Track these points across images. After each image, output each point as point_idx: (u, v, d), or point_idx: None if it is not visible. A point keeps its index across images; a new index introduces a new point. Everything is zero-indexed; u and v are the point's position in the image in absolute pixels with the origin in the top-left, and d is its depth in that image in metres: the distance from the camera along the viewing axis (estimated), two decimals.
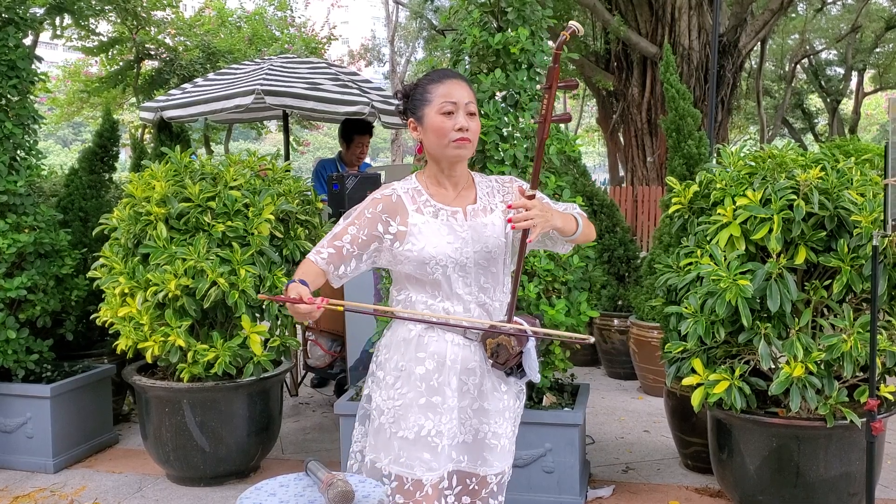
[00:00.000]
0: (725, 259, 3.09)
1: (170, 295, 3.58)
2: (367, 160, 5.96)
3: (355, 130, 5.64)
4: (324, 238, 2.13)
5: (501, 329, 2.08)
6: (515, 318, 2.11)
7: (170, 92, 6.30)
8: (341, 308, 2.00)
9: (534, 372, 2.15)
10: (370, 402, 2.20)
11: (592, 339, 2.17)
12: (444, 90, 2.06)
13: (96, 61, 13.67)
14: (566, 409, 3.48)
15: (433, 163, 2.14)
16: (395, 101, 2.20)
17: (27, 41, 4.72)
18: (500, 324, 2.09)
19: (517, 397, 2.24)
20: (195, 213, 3.71)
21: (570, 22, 1.93)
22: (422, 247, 2.05)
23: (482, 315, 2.13)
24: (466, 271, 2.09)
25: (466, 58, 3.57)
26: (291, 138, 7.02)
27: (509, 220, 2.00)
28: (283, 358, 4.06)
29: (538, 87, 3.52)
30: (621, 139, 14.59)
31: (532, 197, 1.98)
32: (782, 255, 3.06)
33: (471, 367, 2.12)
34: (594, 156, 38.38)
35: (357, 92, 5.57)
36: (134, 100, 13.27)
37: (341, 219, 2.14)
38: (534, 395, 3.56)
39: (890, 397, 3.14)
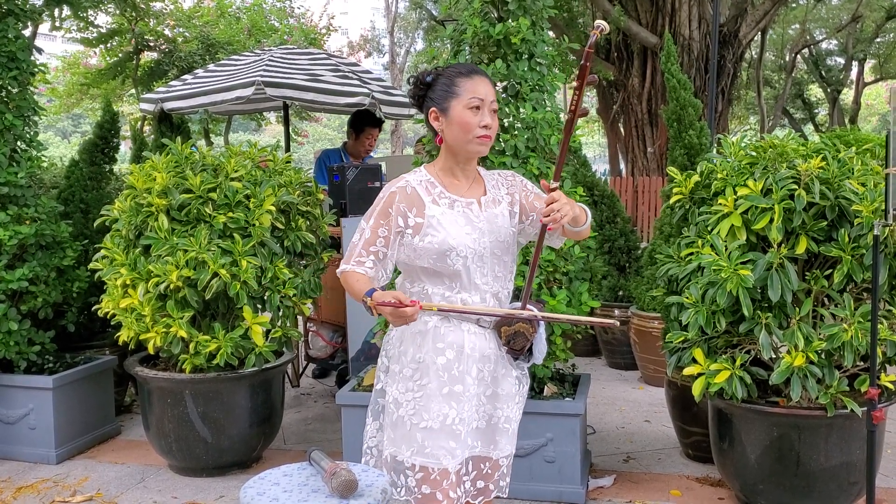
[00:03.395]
0: (726, 249, 3.09)
1: (171, 286, 3.58)
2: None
3: (368, 122, 5.63)
4: (355, 246, 2.13)
5: (519, 316, 2.14)
6: (528, 306, 2.17)
7: (170, 83, 6.29)
8: (435, 308, 2.06)
9: (541, 355, 2.23)
10: (384, 397, 2.22)
11: (616, 324, 2.30)
12: (473, 86, 2.08)
13: (96, 52, 13.63)
14: (567, 399, 3.49)
15: (450, 155, 2.16)
16: (409, 86, 2.21)
17: (26, 32, 4.70)
18: (517, 311, 2.15)
19: (521, 382, 2.29)
20: (196, 204, 3.71)
21: (598, 21, 1.97)
22: (442, 238, 2.07)
23: (496, 304, 2.19)
24: (483, 261, 2.14)
25: (467, 48, 3.57)
26: (290, 129, 6.99)
27: (542, 221, 2.03)
28: (284, 349, 4.06)
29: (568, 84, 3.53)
30: (621, 130, 14.56)
31: (556, 189, 2.01)
32: (783, 245, 3.06)
33: (486, 354, 2.18)
34: (594, 147, 38.31)
35: (357, 83, 5.57)
36: (133, 91, 13.24)
37: (363, 221, 2.15)
38: (535, 386, 3.57)
39: (890, 386, 3.14)
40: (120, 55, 12.89)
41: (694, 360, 3.22)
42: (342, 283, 2.14)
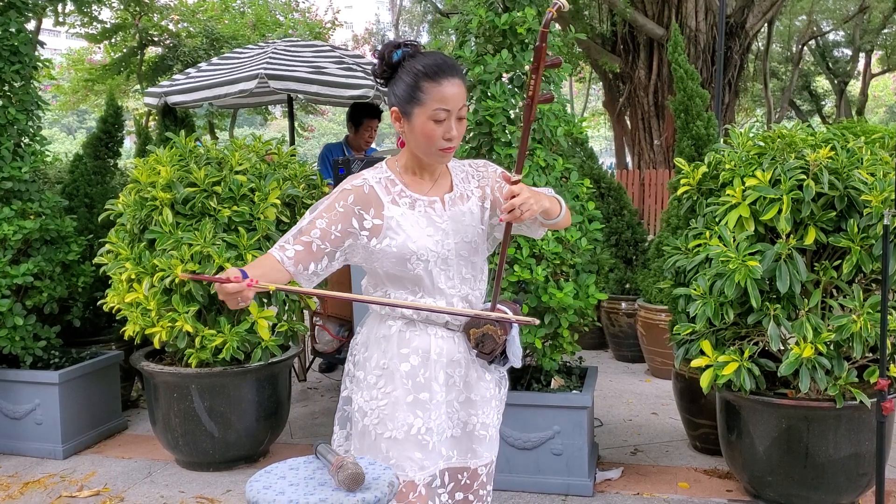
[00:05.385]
0: (734, 240, 3.07)
1: (176, 280, 3.58)
2: (373, 145, 5.94)
3: (365, 114, 5.61)
4: (288, 233, 1.96)
5: (486, 318, 1.99)
6: (498, 306, 2.03)
7: (174, 77, 6.28)
8: (272, 288, 1.81)
9: (517, 358, 2.08)
10: (350, 405, 2.10)
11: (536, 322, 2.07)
12: (441, 94, 1.87)
13: (100, 49, 13.65)
14: (574, 391, 3.48)
15: (412, 155, 2.01)
16: (375, 60, 2.00)
17: (30, 27, 4.70)
18: (485, 313, 2.01)
19: (499, 385, 2.17)
20: (201, 197, 3.70)
21: None
22: (401, 242, 1.92)
23: (465, 308, 2.04)
24: (448, 264, 1.99)
25: (472, 39, 3.54)
26: (296, 124, 6.97)
27: (501, 219, 1.88)
28: (290, 343, 4.06)
29: (526, 67, 3.47)
30: (628, 122, 14.50)
31: (517, 182, 1.85)
32: (791, 236, 3.03)
33: (455, 358, 2.04)
34: (600, 140, 38.19)
35: (362, 75, 5.54)
36: (138, 87, 13.26)
37: (307, 212, 2.00)
38: (542, 378, 3.56)
39: None
40: (124, 50, 12.90)
41: (702, 352, 3.20)
42: None
